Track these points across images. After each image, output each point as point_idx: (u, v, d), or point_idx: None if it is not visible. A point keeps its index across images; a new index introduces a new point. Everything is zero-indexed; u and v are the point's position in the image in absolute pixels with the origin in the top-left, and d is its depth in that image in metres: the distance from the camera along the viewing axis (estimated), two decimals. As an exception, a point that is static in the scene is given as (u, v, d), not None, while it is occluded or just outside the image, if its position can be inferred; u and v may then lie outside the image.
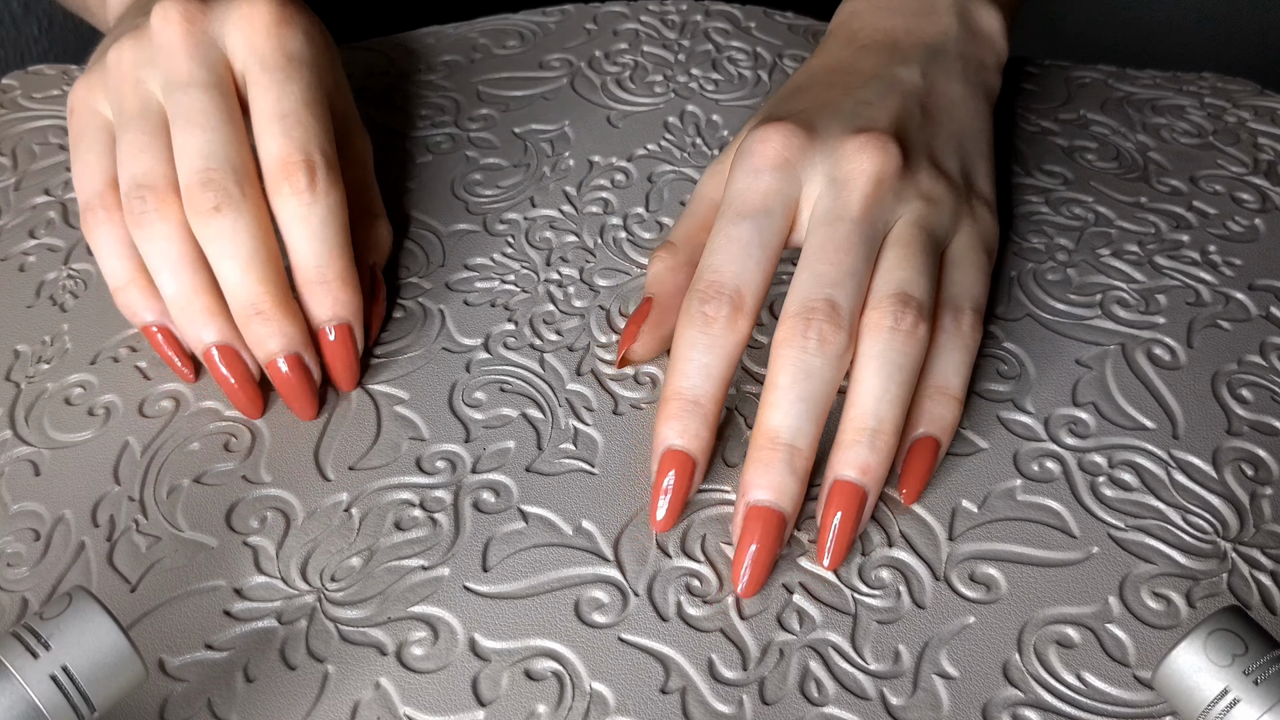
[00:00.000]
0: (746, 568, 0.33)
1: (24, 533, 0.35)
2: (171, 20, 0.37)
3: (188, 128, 0.37)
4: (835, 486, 0.34)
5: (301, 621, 0.33)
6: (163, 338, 0.38)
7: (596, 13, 0.52)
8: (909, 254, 0.35)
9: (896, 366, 0.34)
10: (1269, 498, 0.36)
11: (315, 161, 0.37)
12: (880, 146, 0.36)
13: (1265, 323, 0.40)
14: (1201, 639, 0.27)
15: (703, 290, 0.35)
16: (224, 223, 0.36)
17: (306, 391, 0.37)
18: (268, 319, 0.36)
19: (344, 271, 0.38)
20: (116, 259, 0.38)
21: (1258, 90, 0.50)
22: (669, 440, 0.34)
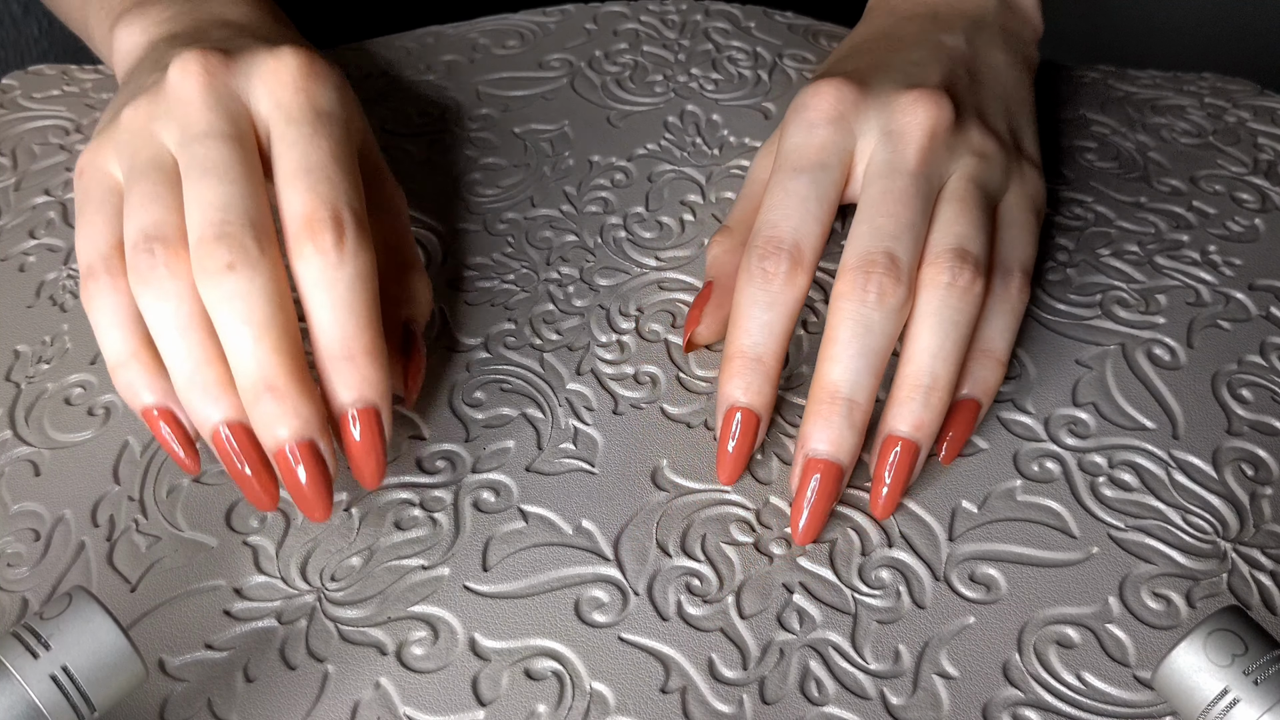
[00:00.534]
0: (805, 517, 0.34)
1: (24, 533, 0.35)
2: (191, 73, 0.34)
3: (203, 178, 0.33)
4: (889, 441, 0.34)
5: (301, 621, 0.33)
6: (164, 422, 0.34)
7: (596, 13, 0.52)
8: (965, 209, 0.35)
9: (952, 324, 0.34)
10: (1269, 498, 0.36)
11: (344, 218, 0.33)
12: (934, 100, 0.36)
13: (1265, 323, 0.40)
14: (1201, 639, 0.27)
15: (761, 246, 0.35)
16: (237, 283, 0.31)
17: (320, 487, 0.33)
18: (281, 396, 0.32)
19: (372, 345, 0.33)
20: (117, 330, 0.34)
21: (1258, 90, 0.50)
22: (733, 397, 0.35)
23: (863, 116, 0.36)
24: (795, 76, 0.49)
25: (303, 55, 0.35)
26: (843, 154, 0.36)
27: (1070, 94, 0.49)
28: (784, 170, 0.36)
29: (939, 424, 0.35)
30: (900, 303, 0.34)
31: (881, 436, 0.35)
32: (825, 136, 0.36)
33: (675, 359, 0.39)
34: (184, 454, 0.35)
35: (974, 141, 0.37)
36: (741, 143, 0.46)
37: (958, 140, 0.37)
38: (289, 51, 0.35)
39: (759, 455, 0.37)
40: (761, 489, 0.36)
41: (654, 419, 0.38)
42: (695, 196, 0.44)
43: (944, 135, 0.36)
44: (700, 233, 0.43)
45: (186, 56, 0.35)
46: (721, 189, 0.45)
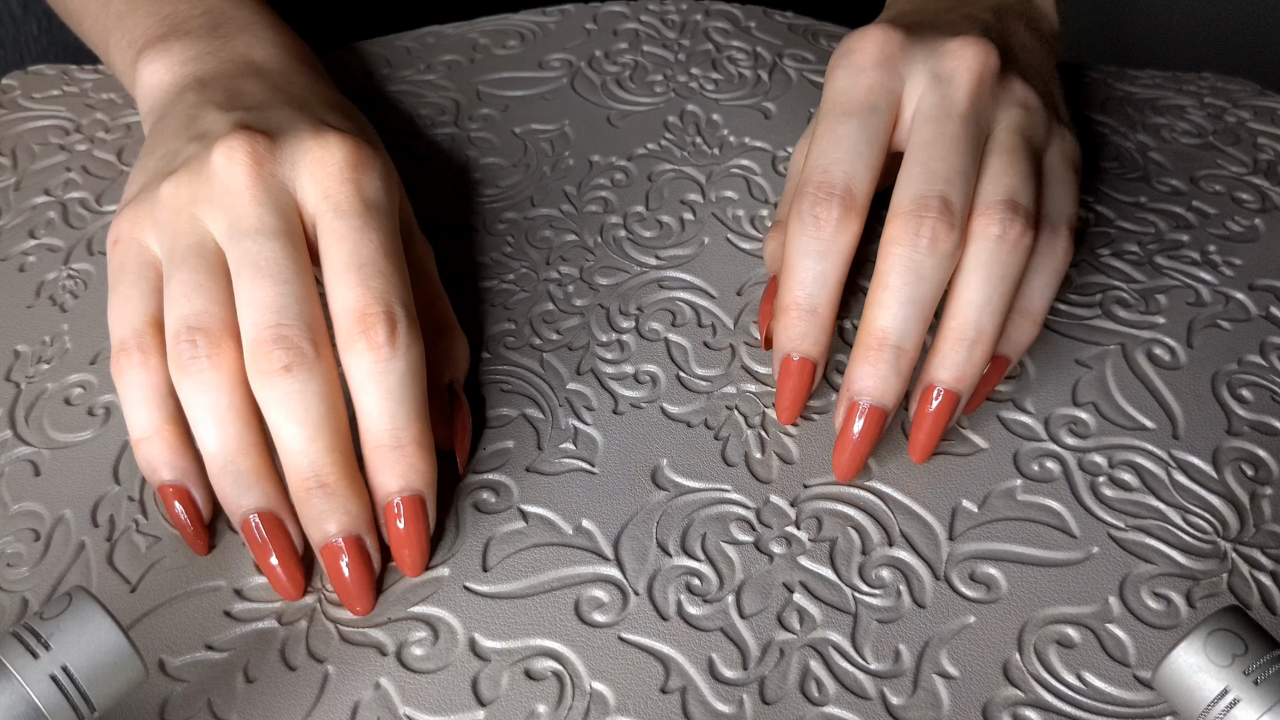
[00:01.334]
0: (847, 456, 0.35)
1: (24, 533, 0.35)
2: (237, 161, 0.34)
3: (256, 278, 0.33)
4: (930, 390, 0.35)
5: (302, 622, 0.33)
6: (180, 502, 0.34)
7: (596, 13, 0.52)
8: (1014, 161, 0.35)
9: (1000, 278, 0.34)
10: (1269, 498, 0.36)
11: (396, 314, 0.33)
12: (982, 46, 0.36)
13: (1265, 323, 0.40)
14: (1201, 639, 0.27)
15: (812, 191, 0.35)
16: (293, 385, 0.32)
17: (365, 582, 0.33)
18: (331, 494, 0.32)
19: (420, 436, 0.33)
20: (144, 407, 0.34)
21: (1258, 90, 0.50)
22: (788, 348, 0.35)
23: (910, 60, 0.36)
24: (795, 76, 0.49)
25: (349, 144, 0.35)
26: (891, 96, 0.36)
27: (1070, 94, 0.49)
28: (832, 114, 0.36)
29: (979, 377, 0.35)
30: (952, 249, 0.34)
31: (923, 383, 0.35)
32: (873, 79, 0.36)
33: (675, 358, 0.39)
34: (194, 534, 0.34)
35: (1017, 93, 0.37)
36: (741, 142, 0.46)
37: (1002, 90, 0.36)
38: (335, 140, 0.35)
39: (759, 455, 0.37)
40: (761, 488, 0.36)
41: (654, 418, 0.38)
42: (695, 196, 0.44)
43: (990, 82, 0.36)
44: (700, 231, 0.43)
45: (232, 143, 0.34)
46: (721, 188, 0.45)
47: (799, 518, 0.35)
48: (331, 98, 0.41)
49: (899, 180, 0.34)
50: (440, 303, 0.38)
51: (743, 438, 0.37)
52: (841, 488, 0.36)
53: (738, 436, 0.37)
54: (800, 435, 0.37)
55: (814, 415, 0.38)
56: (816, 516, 0.35)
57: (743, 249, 0.42)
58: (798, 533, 0.35)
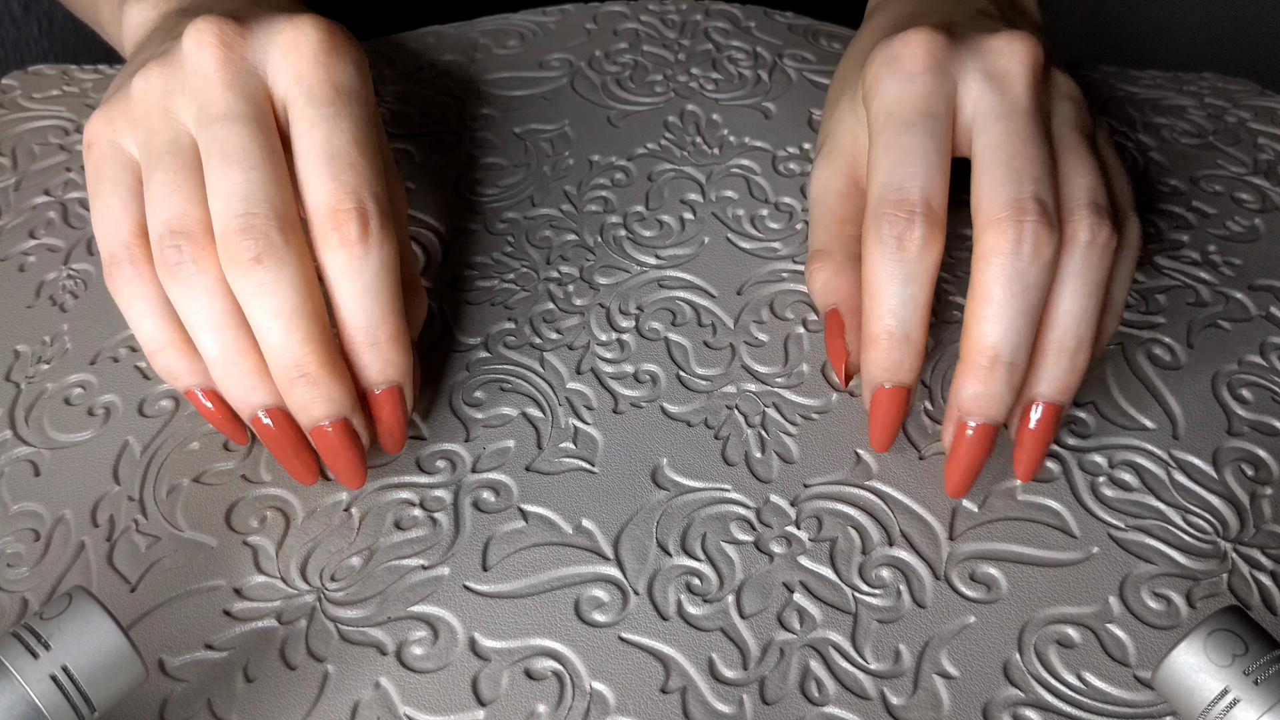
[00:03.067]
0: (960, 475, 0.34)
1: (24, 533, 0.35)
2: (207, 44, 0.34)
3: (224, 165, 0.33)
4: (1031, 405, 0.34)
5: (301, 621, 0.33)
6: (209, 401, 0.35)
7: (596, 13, 0.52)
8: (1084, 160, 0.34)
9: (1095, 284, 0.33)
10: (1269, 498, 0.36)
11: (368, 209, 0.33)
12: (1028, 40, 0.35)
13: (1265, 323, 0.40)
14: (1201, 639, 0.27)
15: (890, 211, 0.33)
16: (265, 275, 0.32)
17: (355, 459, 0.34)
18: (313, 382, 0.33)
19: (396, 331, 0.34)
20: (150, 319, 0.34)
21: (1258, 90, 0.50)
22: (881, 379, 0.34)
23: (959, 61, 0.35)
24: (795, 76, 0.49)
25: (322, 27, 0.35)
26: (947, 101, 0.34)
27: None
28: (892, 126, 0.34)
29: (1080, 383, 0.34)
30: (1053, 254, 0.32)
31: (1024, 399, 0.34)
32: (928, 84, 0.34)
33: (675, 358, 0.39)
34: (231, 428, 0.36)
35: (1063, 86, 0.36)
36: (741, 142, 0.46)
37: (1050, 83, 0.36)
38: (308, 22, 0.34)
39: (759, 454, 0.37)
40: (762, 488, 0.36)
41: (654, 418, 0.38)
42: (695, 195, 0.44)
43: (1041, 76, 0.35)
44: (700, 231, 0.43)
45: (201, 26, 0.34)
46: (721, 188, 0.45)
47: (799, 517, 0.35)
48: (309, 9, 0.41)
49: (981, 184, 0.33)
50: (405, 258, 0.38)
51: (743, 437, 0.37)
52: (842, 487, 0.36)
53: (738, 436, 0.37)
54: (800, 435, 0.37)
55: (814, 415, 0.38)
56: (817, 516, 0.35)
57: (743, 248, 0.42)
58: (798, 532, 0.35)
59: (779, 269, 0.42)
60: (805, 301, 0.41)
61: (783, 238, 0.43)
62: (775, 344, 0.40)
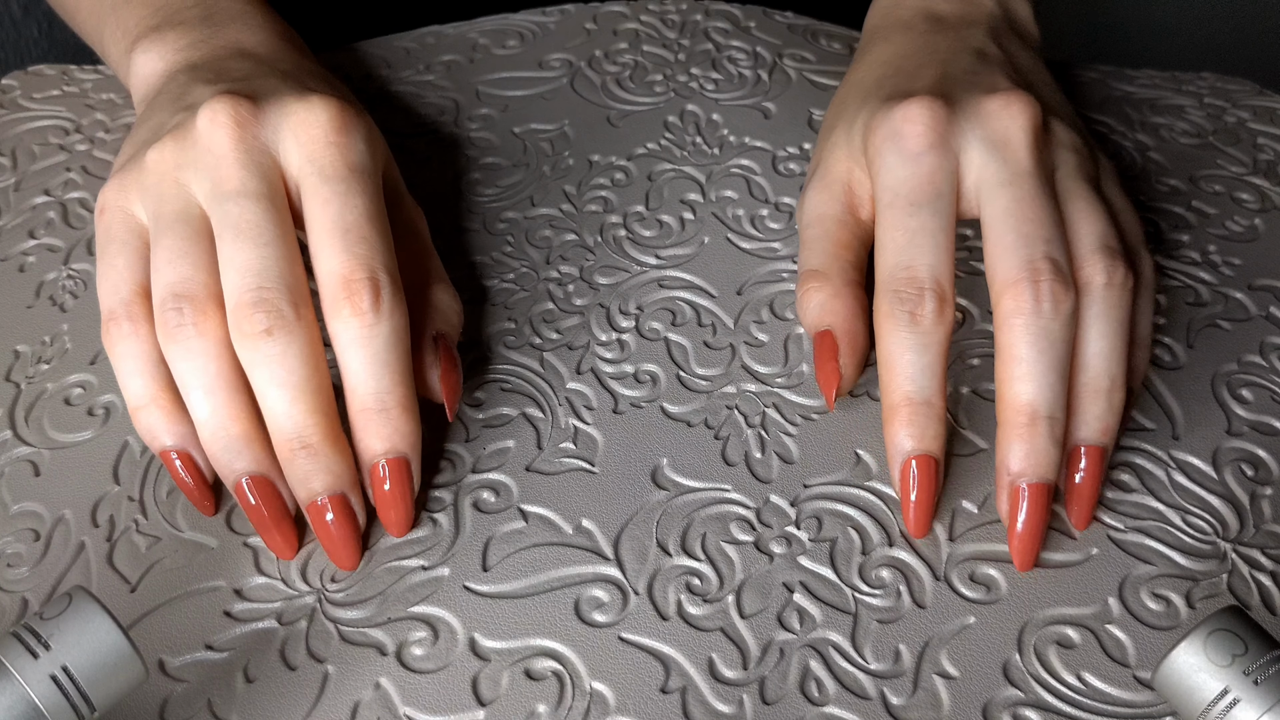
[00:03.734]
0: (1021, 543, 0.33)
1: (24, 533, 0.35)
2: (220, 124, 0.34)
3: (237, 241, 0.33)
4: (1078, 452, 0.34)
5: (301, 622, 0.33)
6: (182, 464, 0.35)
7: (596, 13, 0.52)
8: (1091, 206, 0.35)
9: (1118, 323, 0.34)
10: (1269, 498, 0.36)
11: (380, 280, 0.33)
12: (1024, 100, 0.36)
13: (1265, 323, 0.40)
14: (1201, 639, 0.27)
15: (901, 290, 0.34)
16: (274, 347, 0.32)
17: (350, 538, 0.34)
18: (315, 454, 0.33)
19: (405, 399, 0.34)
20: (138, 377, 0.34)
21: (1258, 90, 0.50)
22: (908, 448, 0.34)
23: (959, 131, 0.36)
24: (795, 76, 0.49)
25: (333, 106, 0.35)
26: (951, 176, 0.35)
27: (1070, 94, 0.49)
28: (900, 206, 0.35)
29: (1119, 423, 0.35)
30: (1072, 308, 0.33)
31: (1066, 450, 0.34)
32: (933, 162, 0.35)
33: (675, 357, 0.39)
34: (200, 496, 0.35)
35: (1063, 136, 0.37)
36: (741, 142, 0.46)
37: (1050, 137, 0.36)
38: (319, 103, 0.35)
39: (759, 454, 0.37)
40: (762, 488, 0.36)
41: (654, 418, 0.38)
42: (695, 195, 0.44)
43: (1040, 133, 0.36)
44: (700, 231, 0.43)
45: (215, 106, 0.35)
46: (721, 188, 0.45)
47: (799, 517, 0.35)
48: (316, 70, 0.41)
49: (993, 251, 0.34)
50: (429, 258, 0.39)
51: (743, 437, 0.37)
52: (842, 487, 0.36)
53: (738, 436, 0.37)
54: (800, 435, 0.37)
55: (814, 415, 0.38)
56: (816, 516, 0.35)
57: (743, 248, 0.42)
58: (798, 533, 0.35)
59: (779, 269, 0.42)
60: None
61: (783, 238, 0.43)
62: (775, 344, 0.40)
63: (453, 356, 0.37)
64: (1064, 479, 0.35)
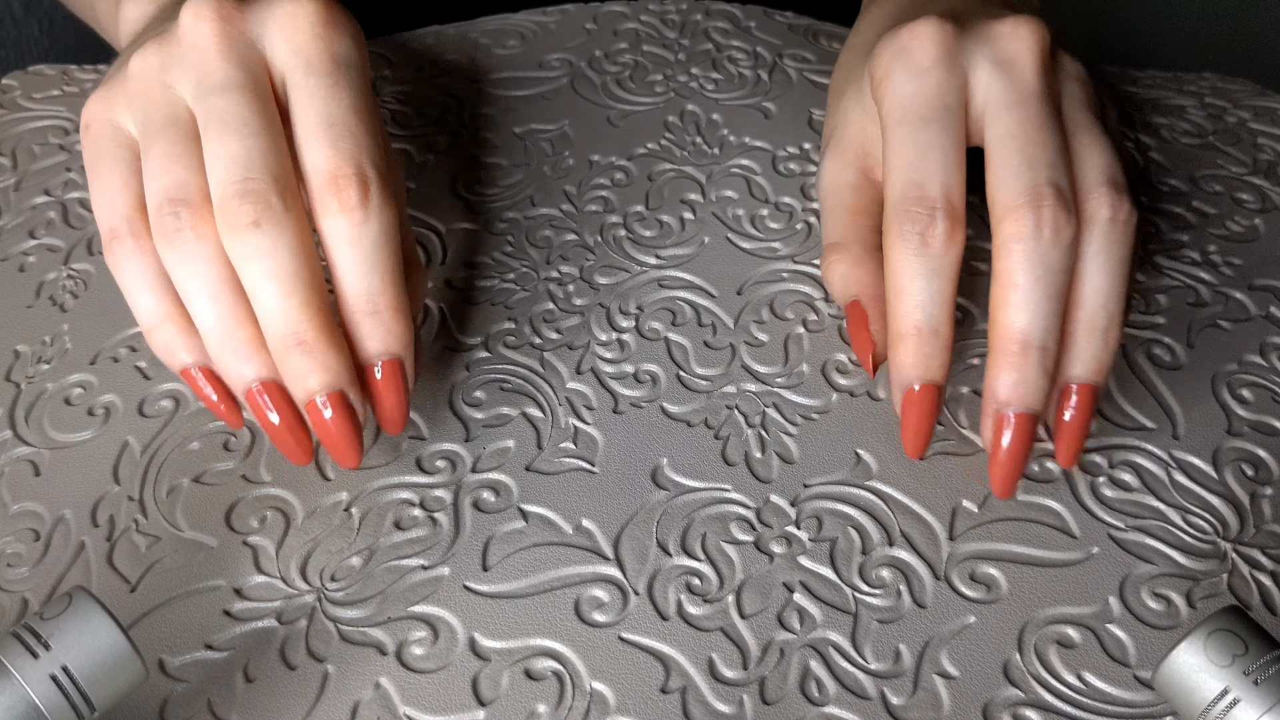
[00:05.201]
0: (1004, 471, 0.33)
1: (24, 533, 0.35)
2: (204, 18, 0.34)
3: (222, 133, 0.32)
4: (1069, 389, 0.34)
5: (301, 621, 0.33)
6: (205, 380, 0.34)
7: (596, 13, 0.52)
8: (1097, 138, 0.35)
9: (1120, 260, 0.33)
10: (1269, 498, 0.36)
11: (368, 175, 0.33)
12: (1034, 23, 0.35)
13: (1265, 323, 0.40)
14: (1201, 639, 0.27)
15: (911, 209, 0.33)
16: (263, 240, 0.32)
17: (350, 434, 0.33)
18: (310, 350, 0.32)
19: (397, 300, 0.34)
20: (148, 294, 0.34)
21: (1258, 90, 0.50)
22: (913, 376, 0.34)
23: (967, 50, 0.35)
24: (795, 76, 0.49)
25: (320, 1, 0.35)
26: (960, 92, 0.34)
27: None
28: (907, 122, 0.34)
29: (1113, 361, 0.34)
30: (1073, 236, 0.32)
31: (1058, 385, 0.34)
32: (940, 77, 0.34)
33: (675, 357, 0.39)
34: (224, 408, 0.35)
35: (1070, 67, 0.36)
36: (742, 142, 0.46)
37: (1058, 65, 0.36)
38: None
39: (759, 454, 0.37)
40: (762, 488, 0.36)
41: (654, 418, 0.38)
42: (695, 195, 0.44)
43: (1049, 58, 0.35)
44: (700, 231, 0.43)
45: (199, 3, 0.34)
46: (721, 188, 0.45)
47: (799, 517, 0.35)
48: None
49: (996, 173, 0.33)
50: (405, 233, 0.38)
51: (743, 437, 0.37)
52: (842, 487, 0.36)
53: (738, 436, 0.37)
54: (800, 435, 0.37)
55: (814, 415, 0.38)
56: (817, 516, 0.35)
57: (743, 249, 0.42)
58: (798, 532, 0.35)
59: (779, 269, 0.42)
60: (805, 302, 0.41)
61: (783, 238, 0.43)
62: (775, 344, 0.40)
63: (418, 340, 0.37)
64: (1053, 415, 0.34)
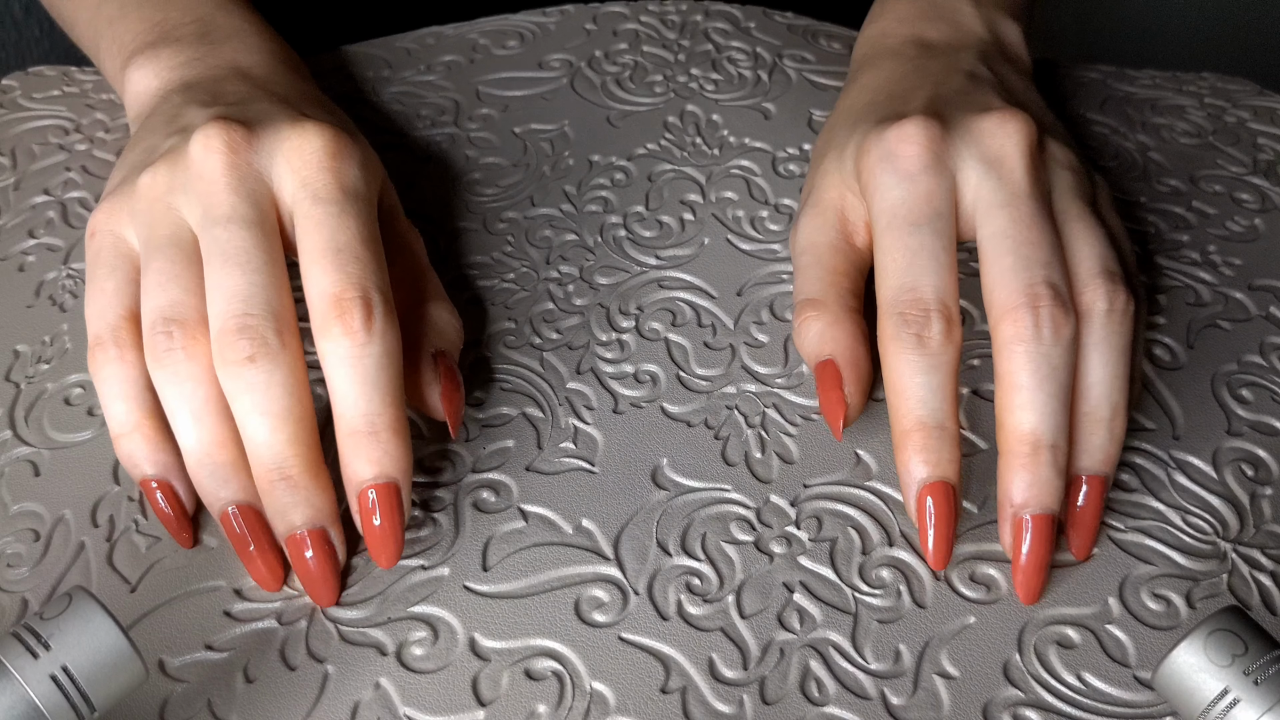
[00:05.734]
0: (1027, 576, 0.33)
1: (24, 533, 0.35)
2: (214, 149, 0.34)
3: (225, 266, 0.33)
4: (1079, 481, 0.34)
5: (301, 622, 0.33)
6: (162, 495, 0.34)
7: (596, 13, 0.52)
8: (1090, 229, 0.35)
9: (1119, 350, 0.33)
10: (1269, 498, 0.36)
11: (372, 299, 0.32)
12: (1019, 117, 0.35)
13: (1265, 323, 0.40)
14: (1201, 639, 0.27)
15: (906, 312, 0.33)
16: (257, 375, 0.32)
17: (328, 573, 0.33)
18: (295, 486, 0.32)
19: (395, 421, 0.33)
20: (121, 402, 0.34)
21: (1258, 90, 0.50)
22: (924, 474, 0.33)
23: (954, 151, 0.35)
24: (795, 77, 0.49)
25: (328, 133, 0.35)
26: (949, 196, 0.35)
27: (1070, 94, 0.49)
28: (897, 226, 0.34)
29: (1120, 452, 0.34)
30: (1072, 335, 0.33)
31: (1069, 475, 0.34)
32: (930, 183, 0.35)
33: (675, 358, 0.39)
34: (178, 526, 0.34)
35: (1059, 155, 0.36)
36: (741, 142, 0.46)
37: (1046, 156, 0.36)
38: (314, 129, 0.35)
39: (759, 454, 0.37)
40: (762, 488, 0.36)
41: (654, 418, 0.38)
42: (695, 196, 0.44)
43: (1036, 151, 0.35)
44: (700, 231, 0.43)
45: (209, 131, 0.34)
46: (721, 189, 0.45)
47: (799, 517, 0.35)
48: (313, 94, 0.41)
49: (991, 274, 0.33)
50: (426, 276, 0.38)
51: (743, 437, 0.37)
52: (842, 487, 0.36)
53: (738, 436, 0.37)
54: (800, 435, 0.37)
55: (814, 415, 0.38)
56: (816, 516, 0.35)
57: (743, 249, 0.42)
58: (798, 532, 0.35)
59: (779, 270, 0.42)
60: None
61: (783, 239, 0.43)
62: (775, 345, 0.40)
63: (454, 375, 0.36)
64: (1064, 508, 0.34)
